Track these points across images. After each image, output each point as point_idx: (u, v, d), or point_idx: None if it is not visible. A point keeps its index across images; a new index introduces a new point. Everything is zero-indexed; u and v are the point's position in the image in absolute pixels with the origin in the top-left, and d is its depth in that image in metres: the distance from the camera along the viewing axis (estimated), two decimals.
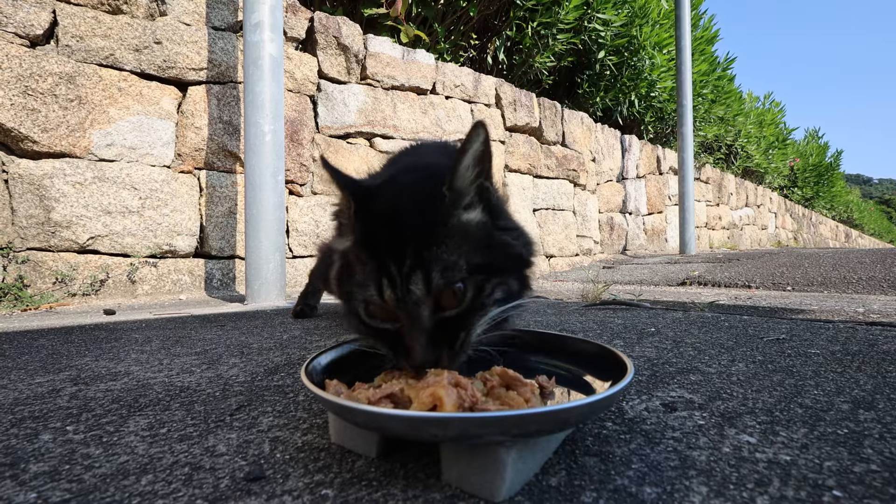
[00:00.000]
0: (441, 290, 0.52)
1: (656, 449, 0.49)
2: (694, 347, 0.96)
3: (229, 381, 0.78)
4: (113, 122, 2.14)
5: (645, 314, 1.46)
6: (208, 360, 0.93)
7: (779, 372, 0.77)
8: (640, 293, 1.98)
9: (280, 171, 2.09)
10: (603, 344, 0.60)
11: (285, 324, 1.41)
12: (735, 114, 8.15)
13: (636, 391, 0.68)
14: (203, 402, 0.67)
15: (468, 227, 0.57)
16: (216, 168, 2.41)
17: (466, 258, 0.54)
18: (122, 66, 2.16)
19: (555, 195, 4.33)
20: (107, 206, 2.11)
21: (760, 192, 9.70)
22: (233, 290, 2.45)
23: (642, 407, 0.62)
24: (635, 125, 5.98)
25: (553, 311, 1.57)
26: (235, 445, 0.52)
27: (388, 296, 0.53)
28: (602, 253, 5.07)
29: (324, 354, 0.60)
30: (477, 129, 0.54)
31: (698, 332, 1.12)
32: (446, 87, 3.40)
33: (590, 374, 0.59)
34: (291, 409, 0.63)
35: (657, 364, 0.83)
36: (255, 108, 2.04)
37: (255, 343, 1.11)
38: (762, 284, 2.82)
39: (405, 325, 0.53)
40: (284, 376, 0.80)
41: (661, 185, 6.08)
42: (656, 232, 6.00)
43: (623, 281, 3.34)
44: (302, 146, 2.66)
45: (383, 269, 0.53)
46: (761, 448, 0.49)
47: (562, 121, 4.41)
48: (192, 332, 1.27)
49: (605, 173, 5.10)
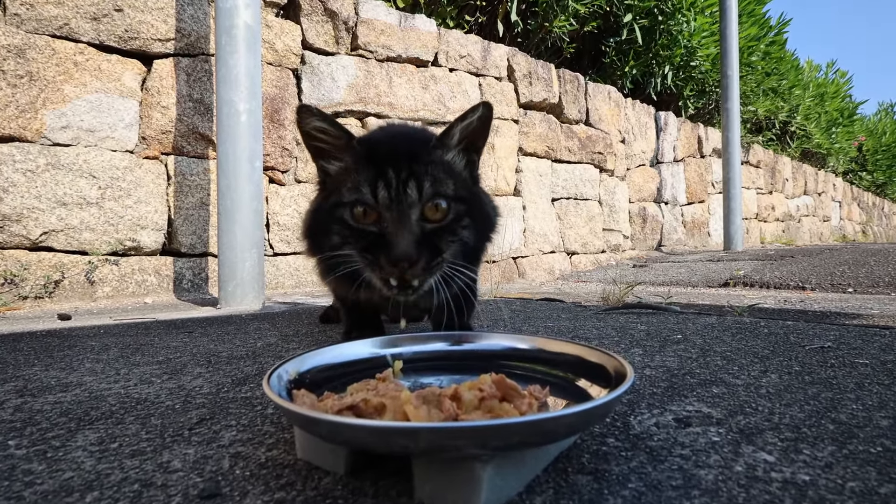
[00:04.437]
0: (430, 199, 0.73)
1: (659, 467, 0.51)
2: (723, 356, 0.98)
3: (192, 392, 0.81)
4: (68, 102, 2.18)
5: (673, 319, 1.47)
6: (171, 370, 0.96)
7: (816, 384, 0.79)
8: (671, 296, 1.98)
9: (258, 156, 2.12)
10: (600, 349, 0.62)
11: (261, 330, 1.44)
12: (790, 85, 8.07)
13: (647, 405, 0.70)
14: (161, 416, 0.69)
15: (453, 166, 0.81)
16: (186, 153, 2.45)
17: (454, 184, 0.77)
18: (79, 37, 2.20)
19: (577, 182, 4.33)
20: (62, 196, 2.16)
21: (822, 178, 9.60)
22: (205, 291, 2.49)
23: (651, 422, 0.63)
24: (672, 100, 5.96)
25: (568, 316, 1.59)
26: (192, 461, 0.54)
27: (381, 196, 0.72)
28: (633, 249, 5.06)
29: (291, 361, 0.62)
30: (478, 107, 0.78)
31: (731, 340, 1.14)
32: (450, 58, 3.41)
33: (594, 385, 0.61)
34: (258, 423, 0.66)
35: (677, 375, 0.85)
36: (229, 84, 2.07)
37: (224, 351, 1.13)
38: (818, 285, 2.81)
39: (392, 225, 0.71)
40: (254, 387, 0.83)
41: (702, 170, 6.05)
42: (697, 225, 5.98)
43: (655, 281, 3.34)
44: (283, 127, 2.69)
45: (381, 175, 0.73)
46: (778, 467, 0.51)
47: (585, 96, 4.40)
48: (155, 339, 1.30)
49: (636, 156, 5.08)
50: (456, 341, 0.76)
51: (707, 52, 5.58)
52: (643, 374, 0.86)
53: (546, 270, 4.00)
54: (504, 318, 1.57)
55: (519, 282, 3.69)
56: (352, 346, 0.71)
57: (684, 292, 2.85)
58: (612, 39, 5.13)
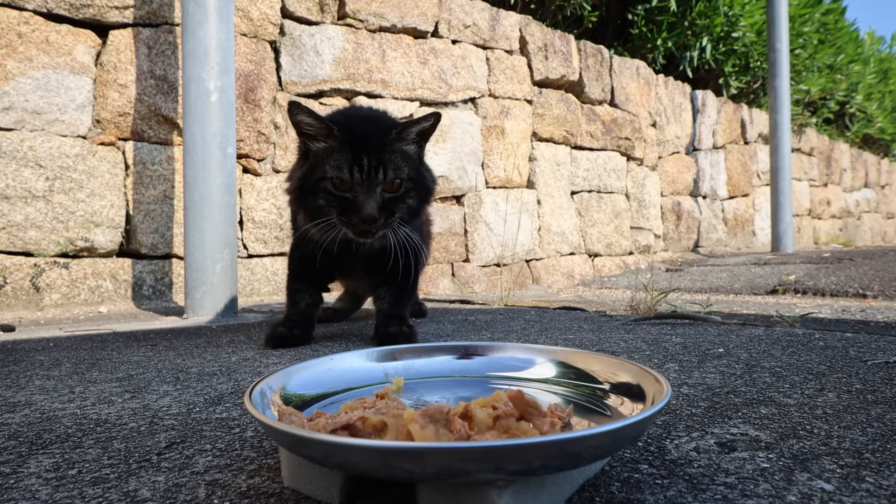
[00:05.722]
0: (390, 181, 1.23)
1: (700, 497, 0.51)
2: (772, 373, 0.99)
3: (159, 412, 0.82)
4: (11, 79, 2.19)
5: (713, 331, 1.48)
6: (133, 388, 0.97)
7: (880, 404, 0.79)
8: (710, 304, 1.99)
9: (230, 143, 2.14)
10: (632, 362, 0.63)
11: (235, 343, 1.45)
12: (849, 60, 8.08)
13: (686, 427, 0.71)
14: (124, 439, 0.70)
15: (408, 155, 1.28)
16: (147, 139, 2.47)
17: (407, 169, 1.26)
18: (23, 4, 2.22)
19: (600, 172, 4.35)
20: (3, 189, 2.17)
21: (885, 168, 9.61)
22: (169, 299, 2.50)
23: (691, 446, 0.64)
24: (711, 77, 5.97)
25: (591, 328, 1.60)
26: (163, 490, 0.55)
27: (356, 176, 1.20)
28: (665, 251, 5.07)
29: (275, 376, 0.63)
30: (430, 117, 1.28)
31: (781, 354, 1.15)
32: (453, 28, 3.43)
33: (625, 402, 0.62)
34: (237, 448, 0.66)
35: (720, 394, 0.86)
36: (198, 59, 2.08)
37: (194, 367, 1.15)
38: (882, 293, 2.81)
39: (361, 195, 1.20)
40: (230, 407, 0.84)
41: (746, 159, 6.06)
42: (740, 222, 5.99)
43: (691, 288, 3.35)
44: (259, 108, 2.71)
45: (357, 159, 1.20)
46: (838, 497, 0.51)
47: (610, 72, 4.42)
48: (113, 354, 1.31)
49: (669, 143, 5.10)
50: (464, 354, 0.77)
51: (752, 20, 5.60)
52: (680, 393, 0.87)
53: (564, 275, 4.01)
54: (516, 330, 1.58)
55: (533, 288, 3.70)
56: (344, 359, 0.72)
57: (726, 300, 2.86)
58: (640, 7, 5.15)
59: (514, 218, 3.65)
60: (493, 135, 3.59)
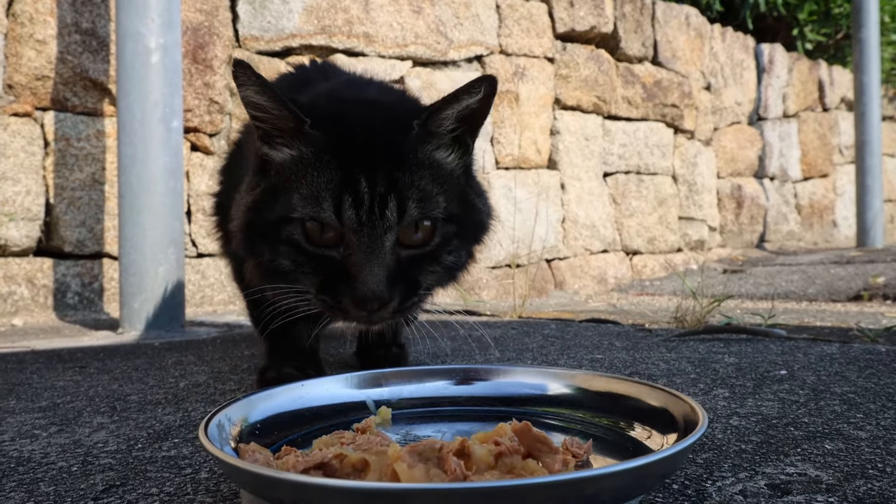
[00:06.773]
0: (412, 223, 0.81)
1: None
2: (843, 400, 1.01)
3: (93, 449, 0.85)
4: None
5: (776, 348, 1.50)
6: (60, 420, 1.00)
7: None
8: (775, 314, 2.02)
9: (176, 114, 2.16)
10: (662, 388, 0.66)
11: (184, 364, 1.48)
12: None
13: (732, 465, 0.74)
14: (53, 481, 0.73)
15: (443, 167, 0.88)
16: (71, 108, 2.49)
17: (444, 198, 0.84)
18: None
19: (640, 149, 4.36)
20: None
21: None
22: (99, 309, 2.52)
23: (737, 488, 0.67)
24: (781, 28, 5.97)
25: (624, 345, 1.62)
26: None
27: (348, 215, 0.79)
28: (723, 247, 5.09)
29: (235, 406, 0.66)
30: (478, 85, 0.83)
31: (856, 377, 1.17)
32: None
33: (654, 435, 0.65)
34: (188, 491, 0.69)
35: (777, 426, 0.89)
36: (134, 9, 2.10)
37: (134, 394, 1.17)
38: None
39: (358, 254, 0.78)
40: (180, 443, 0.87)
41: (825, 130, 6.06)
42: (817, 210, 5.99)
43: (753, 294, 3.37)
44: (211, 70, 2.73)
45: (349, 184, 0.79)
46: None
47: (652, 22, 4.43)
48: (34, 377, 1.34)
49: (727, 111, 5.10)
50: (463, 379, 0.80)
51: None
52: (728, 425, 0.90)
53: (595, 278, 4.03)
54: (531, 348, 1.61)
55: (555, 295, 3.72)
56: (319, 385, 0.75)
57: (796, 309, 2.88)
58: None
59: (531, 206, 3.65)
60: (505, 102, 3.60)
